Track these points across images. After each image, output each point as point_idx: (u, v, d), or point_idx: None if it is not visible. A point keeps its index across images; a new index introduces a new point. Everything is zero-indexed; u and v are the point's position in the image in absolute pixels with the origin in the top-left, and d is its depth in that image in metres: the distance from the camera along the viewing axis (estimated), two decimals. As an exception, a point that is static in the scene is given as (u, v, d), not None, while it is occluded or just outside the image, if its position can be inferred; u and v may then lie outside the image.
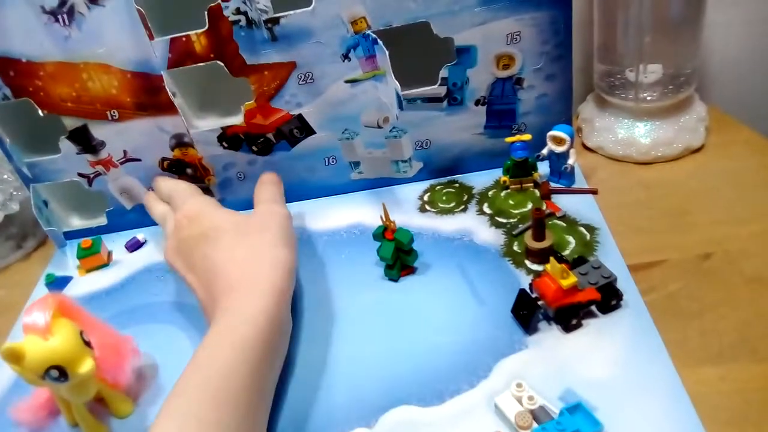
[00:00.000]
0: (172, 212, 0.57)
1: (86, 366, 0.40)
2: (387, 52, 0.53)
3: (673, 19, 0.60)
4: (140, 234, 0.68)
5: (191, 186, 0.60)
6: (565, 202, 0.59)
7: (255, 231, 0.51)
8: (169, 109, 0.59)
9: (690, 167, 0.62)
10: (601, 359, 0.44)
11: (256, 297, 0.45)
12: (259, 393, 0.42)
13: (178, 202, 0.57)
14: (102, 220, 0.68)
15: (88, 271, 0.64)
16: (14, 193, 0.68)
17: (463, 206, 0.62)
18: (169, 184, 0.61)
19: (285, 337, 0.48)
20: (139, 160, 0.63)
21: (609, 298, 0.47)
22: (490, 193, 0.63)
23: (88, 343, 0.42)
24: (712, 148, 0.64)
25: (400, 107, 0.54)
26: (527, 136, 0.59)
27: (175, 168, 0.64)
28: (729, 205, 0.56)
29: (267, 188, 0.59)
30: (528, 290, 0.49)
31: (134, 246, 0.67)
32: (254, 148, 0.63)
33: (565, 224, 0.57)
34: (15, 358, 0.39)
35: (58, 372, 0.40)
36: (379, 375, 0.47)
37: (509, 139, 0.59)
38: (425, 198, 0.64)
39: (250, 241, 0.50)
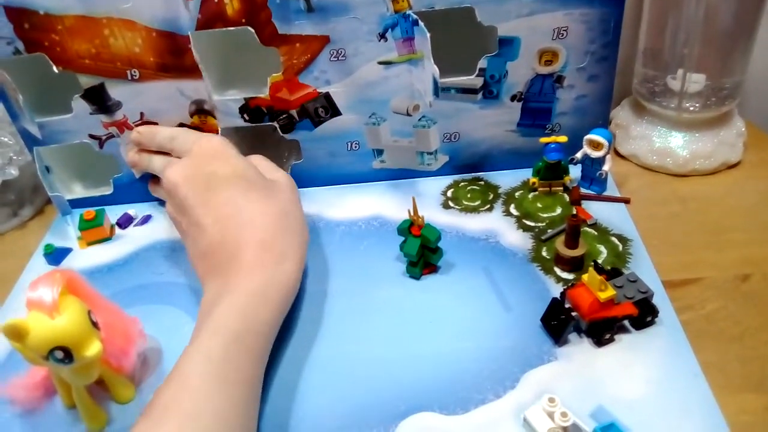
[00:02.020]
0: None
1: (93, 349, 0.37)
2: (428, 35, 0.50)
3: (725, 30, 0.58)
4: (132, 209, 0.64)
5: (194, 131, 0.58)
6: (595, 210, 0.57)
7: (282, 198, 0.50)
8: (192, 72, 0.56)
9: (727, 183, 0.60)
10: (634, 377, 0.42)
11: (288, 266, 0.46)
12: (265, 359, 0.44)
13: (188, 142, 0.53)
14: (107, 189, 0.65)
15: (90, 244, 0.61)
16: (14, 157, 0.64)
17: (488, 205, 0.59)
18: (169, 129, 0.58)
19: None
20: (155, 123, 0.60)
21: (644, 314, 0.45)
22: (517, 194, 0.60)
23: (95, 324, 0.39)
24: (748, 165, 0.62)
25: (436, 94, 0.51)
26: (563, 138, 0.56)
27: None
28: (767, 225, 0.54)
29: (265, 161, 0.56)
30: (560, 299, 0.46)
31: (126, 222, 0.63)
32: (276, 124, 0.59)
33: (596, 233, 0.54)
34: (17, 335, 0.36)
35: (63, 353, 0.37)
36: (398, 378, 0.44)
37: (544, 140, 0.57)
38: (449, 194, 0.62)
39: (279, 207, 0.49)
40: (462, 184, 0.63)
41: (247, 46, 0.54)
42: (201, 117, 0.60)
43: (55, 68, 0.56)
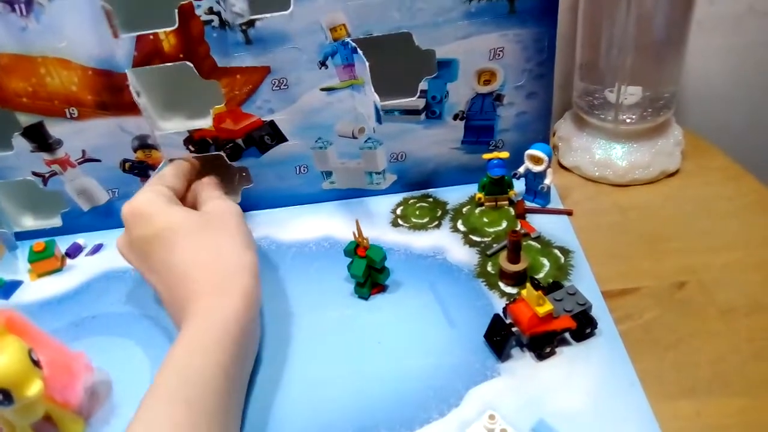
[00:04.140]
0: None
1: (34, 389, 0.37)
2: (367, 64, 0.51)
3: (656, 42, 0.60)
4: (81, 239, 0.64)
5: (162, 174, 0.57)
6: (539, 222, 0.58)
7: (213, 230, 0.50)
8: (132, 109, 0.56)
9: (665, 192, 0.62)
10: (574, 390, 0.43)
11: (226, 301, 0.45)
12: (232, 395, 0.42)
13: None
14: (56, 222, 0.65)
15: (40, 275, 0.61)
16: (-38, 190, 0.64)
17: (436, 222, 0.60)
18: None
19: (255, 339, 0.48)
20: (98, 160, 0.60)
21: (584, 327, 0.46)
22: (464, 209, 0.61)
23: (37, 363, 0.39)
24: (687, 173, 0.64)
25: (379, 121, 0.52)
26: (505, 154, 0.58)
27: (137, 171, 0.61)
28: (703, 233, 0.56)
29: (210, 186, 0.58)
30: (502, 315, 0.48)
31: (76, 251, 0.63)
32: (222, 153, 0.60)
33: (539, 246, 0.56)
34: (-47, 378, 0.36)
35: (2, 395, 0.37)
36: (346, 399, 0.45)
37: (486, 156, 0.58)
38: (398, 212, 0.63)
39: (212, 242, 0.49)
40: (411, 201, 0.64)
41: (187, 79, 0.54)
42: (145, 151, 0.60)
43: None
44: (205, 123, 0.58)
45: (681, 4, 0.58)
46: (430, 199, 0.64)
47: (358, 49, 0.52)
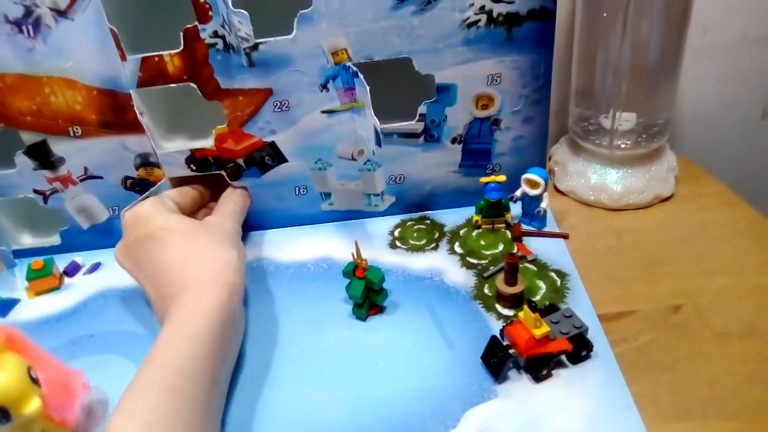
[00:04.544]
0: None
1: (32, 406, 0.38)
2: (368, 88, 0.52)
3: (650, 69, 0.61)
4: (79, 257, 0.65)
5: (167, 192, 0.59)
6: (535, 246, 0.59)
7: (205, 234, 0.52)
8: (135, 128, 0.57)
9: (659, 216, 0.63)
10: (571, 412, 0.43)
11: (209, 293, 0.46)
12: (214, 384, 0.43)
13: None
14: (55, 240, 0.65)
15: (38, 294, 0.61)
16: (-39, 207, 0.65)
17: (434, 244, 0.61)
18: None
19: (238, 331, 0.49)
20: (100, 177, 0.61)
21: (580, 349, 0.47)
22: (461, 231, 0.62)
23: (35, 380, 0.39)
24: (681, 199, 0.65)
25: (378, 144, 0.52)
26: (502, 177, 0.58)
27: (139, 188, 0.62)
28: (698, 257, 0.57)
29: (229, 203, 0.60)
30: (499, 336, 0.48)
31: (74, 270, 0.63)
32: (223, 172, 0.61)
33: (536, 268, 0.56)
34: (-47, 395, 0.36)
35: (0, 413, 0.37)
36: (344, 421, 0.45)
37: (484, 180, 0.59)
38: (396, 233, 0.63)
39: (200, 243, 0.51)
40: (409, 223, 0.64)
41: (190, 100, 0.55)
42: (147, 169, 0.61)
43: None
44: (207, 143, 0.59)
45: (674, 32, 0.60)
46: (428, 221, 0.64)
47: (359, 73, 0.53)
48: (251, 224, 0.65)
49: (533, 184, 0.59)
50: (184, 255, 0.50)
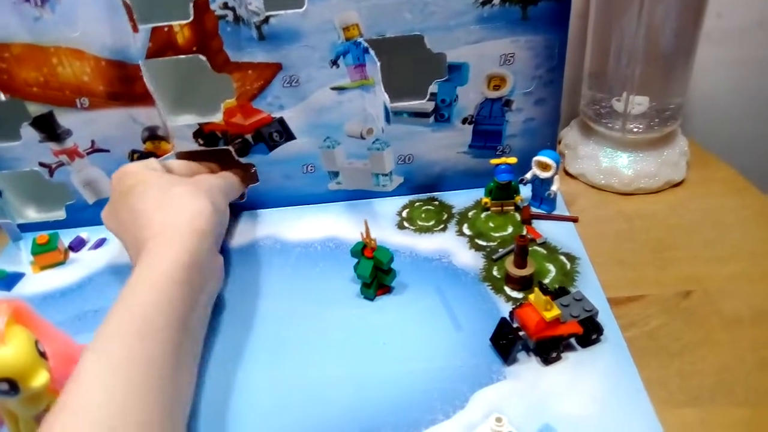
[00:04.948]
0: None
1: (40, 379, 0.37)
2: (378, 64, 0.51)
3: (665, 53, 0.60)
4: (84, 233, 0.64)
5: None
6: (545, 228, 0.59)
7: (183, 185, 0.53)
8: (143, 100, 0.56)
9: (670, 201, 0.62)
10: (580, 395, 0.43)
11: (177, 239, 0.47)
12: (184, 330, 0.43)
13: None
14: (60, 214, 0.64)
15: (43, 268, 0.60)
16: (-35, 181, 0.64)
17: (442, 225, 0.60)
18: None
19: (208, 278, 0.49)
20: (107, 150, 0.60)
21: (590, 332, 0.46)
22: (470, 213, 0.62)
23: (43, 354, 0.39)
24: (691, 184, 0.65)
25: (388, 121, 0.52)
26: (513, 159, 0.58)
27: (145, 162, 0.61)
28: (708, 243, 0.56)
29: (223, 173, 0.60)
30: (508, 319, 0.48)
31: (79, 245, 0.63)
32: (231, 148, 0.60)
33: (545, 251, 0.56)
34: (-40, 366, 0.36)
35: (9, 385, 0.36)
36: (351, 400, 0.45)
37: (494, 161, 0.58)
38: (404, 214, 0.63)
39: (176, 193, 0.51)
40: (417, 204, 0.64)
41: (199, 72, 0.55)
42: (154, 142, 0.60)
43: (2, 96, 0.55)
44: (216, 117, 0.58)
45: (690, 16, 0.59)
46: (436, 203, 0.64)
47: (370, 49, 0.52)
48: (258, 202, 0.65)
49: (544, 167, 0.58)
50: (161, 204, 0.50)
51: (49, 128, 0.58)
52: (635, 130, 0.63)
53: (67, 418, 0.35)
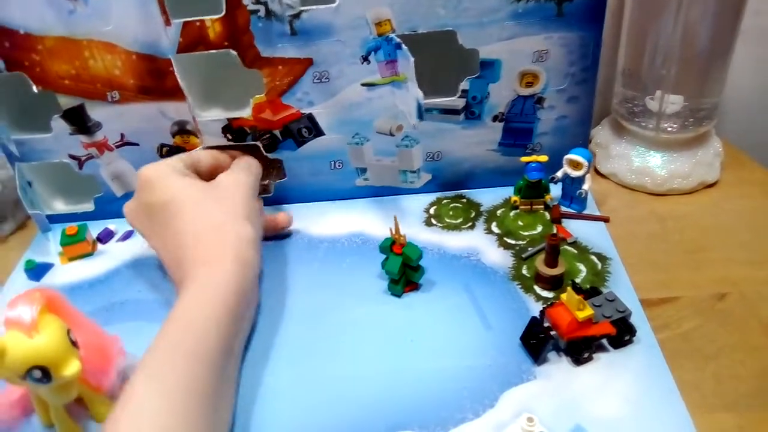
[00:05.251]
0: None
1: (72, 368, 0.37)
2: (412, 60, 0.50)
3: (702, 51, 0.59)
4: (113, 224, 0.64)
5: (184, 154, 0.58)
6: (575, 228, 0.58)
7: (217, 201, 0.52)
8: (173, 94, 0.56)
9: (704, 202, 0.61)
10: (612, 396, 0.43)
11: (223, 267, 0.47)
12: (229, 352, 0.44)
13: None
14: (89, 206, 0.65)
15: (71, 259, 0.61)
16: (-3, 170, 0.64)
17: (470, 223, 0.60)
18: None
19: (250, 307, 0.50)
20: (136, 144, 0.60)
21: (622, 333, 0.46)
22: (498, 212, 0.61)
23: (74, 343, 0.39)
24: (726, 185, 0.63)
25: (420, 117, 0.51)
26: (544, 158, 0.57)
27: (174, 155, 0.61)
28: (744, 245, 0.55)
29: (241, 161, 0.58)
30: (539, 318, 0.47)
31: (107, 237, 0.63)
32: (259, 143, 0.60)
33: (576, 251, 0.55)
34: (-5, 354, 0.36)
35: (41, 373, 0.37)
36: (378, 396, 0.44)
37: (525, 159, 0.57)
38: (431, 211, 0.62)
39: (214, 214, 0.51)
40: (444, 201, 0.63)
41: (229, 67, 0.55)
42: (183, 137, 0.60)
43: (34, 88, 0.56)
44: (245, 112, 0.58)
45: (729, 14, 0.57)
46: (464, 200, 0.63)
47: (403, 45, 0.52)
48: (283, 197, 0.64)
49: (576, 165, 0.57)
50: (198, 228, 0.49)
51: (79, 121, 0.58)
52: (669, 129, 0.62)
53: None
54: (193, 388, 0.39)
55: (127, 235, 0.63)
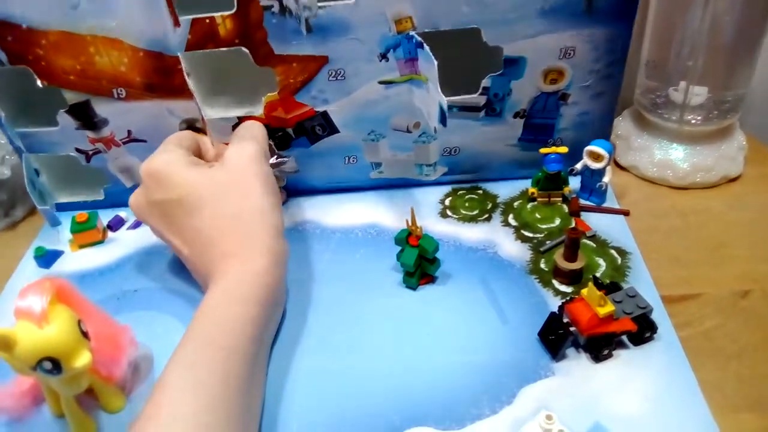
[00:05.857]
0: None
1: (83, 360, 0.37)
2: (435, 62, 0.48)
3: (729, 43, 0.57)
4: (123, 212, 0.63)
5: (178, 136, 0.55)
6: (594, 221, 0.57)
7: (236, 192, 0.49)
8: (181, 92, 0.55)
9: (727, 197, 0.60)
10: (632, 394, 0.42)
11: (255, 260, 0.46)
12: (261, 345, 0.45)
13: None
14: (99, 195, 0.64)
15: (81, 246, 0.60)
16: (7, 157, 0.63)
17: (486, 215, 0.59)
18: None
19: (281, 300, 0.49)
20: (144, 141, 0.59)
21: (643, 330, 0.45)
22: (515, 204, 0.60)
23: (85, 334, 0.38)
24: (749, 179, 0.62)
25: (443, 123, 0.49)
26: (564, 149, 0.56)
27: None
28: (767, 241, 0.54)
29: (241, 128, 0.55)
30: (558, 313, 0.46)
31: (117, 224, 0.63)
32: (271, 141, 0.58)
33: (595, 245, 0.54)
34: (5, 345, 0.35)
35: (52, 364, 0.36)
36: (393, 391, 0.44)
37: (544, 150, 0.56)
38: (447, 203, 0.61)
39: (235, 206, 0.48)
40: (460, 192, 0.62)
41: (240, 65, 0.53)
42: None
43: (39, 82, 0.55)
44: (257, 110, 0.57)
45: (759, 4, 0.56)
46: (480, 192, 0.62)
47: (425, 45, 0.50)
48: (296, 190, 0.63)
49: (596, 157, 0.56)
50: (221, 222, 0.48)
51: (85, 116, 0.57)
52: (693, 121, 0.60)
53: (153, 429, 0.36)
54: (227, 381, 0.39)
55: (138, 224, 0.63)
